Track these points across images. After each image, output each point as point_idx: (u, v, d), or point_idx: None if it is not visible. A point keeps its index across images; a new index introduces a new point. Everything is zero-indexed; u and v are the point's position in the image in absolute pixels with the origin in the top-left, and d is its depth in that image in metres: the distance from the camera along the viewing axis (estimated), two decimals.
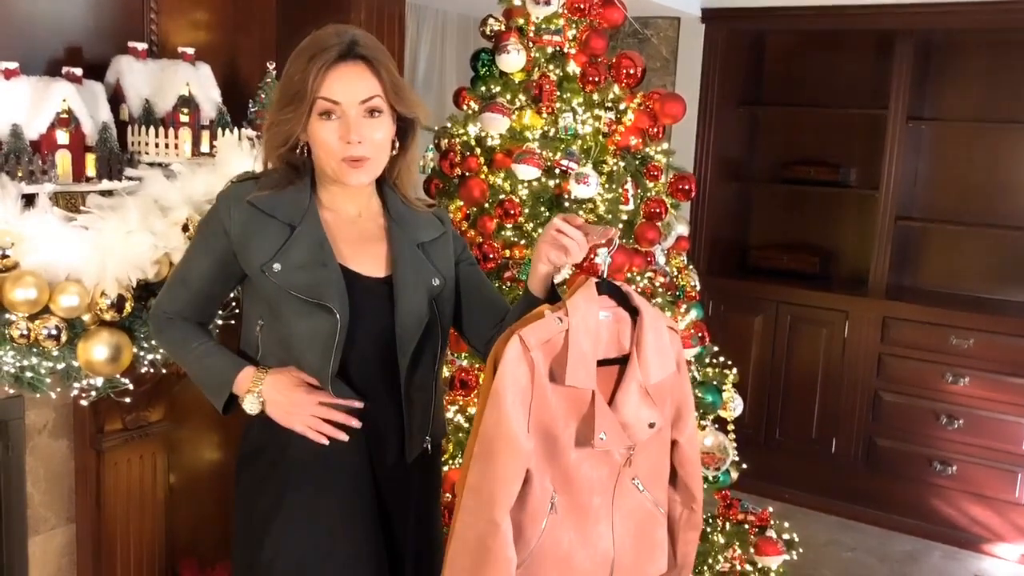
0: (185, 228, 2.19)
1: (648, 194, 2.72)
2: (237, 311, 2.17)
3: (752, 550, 2.84)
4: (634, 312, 1.65)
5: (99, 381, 2.16)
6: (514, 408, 1.54)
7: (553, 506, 1.60)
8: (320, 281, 1.65)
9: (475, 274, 1.88)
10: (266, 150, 1.73)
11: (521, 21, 2.74)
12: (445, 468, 2.43)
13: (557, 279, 1.72)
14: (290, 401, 1.66)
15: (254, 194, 1.68)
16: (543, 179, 2.64)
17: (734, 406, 2.83)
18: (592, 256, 1.67)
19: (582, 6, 2.68)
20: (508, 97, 2.72)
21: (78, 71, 2.24)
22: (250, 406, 1.70)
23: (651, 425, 1.63)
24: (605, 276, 1.66)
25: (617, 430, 1.60)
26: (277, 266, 1.65)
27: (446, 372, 2.59)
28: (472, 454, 1.58)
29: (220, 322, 2.32)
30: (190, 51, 2.48)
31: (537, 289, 1.70)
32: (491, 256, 2.62)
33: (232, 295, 2.01)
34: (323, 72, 1.62)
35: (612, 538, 1.66)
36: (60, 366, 2.09)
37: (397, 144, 1.74)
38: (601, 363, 1.61)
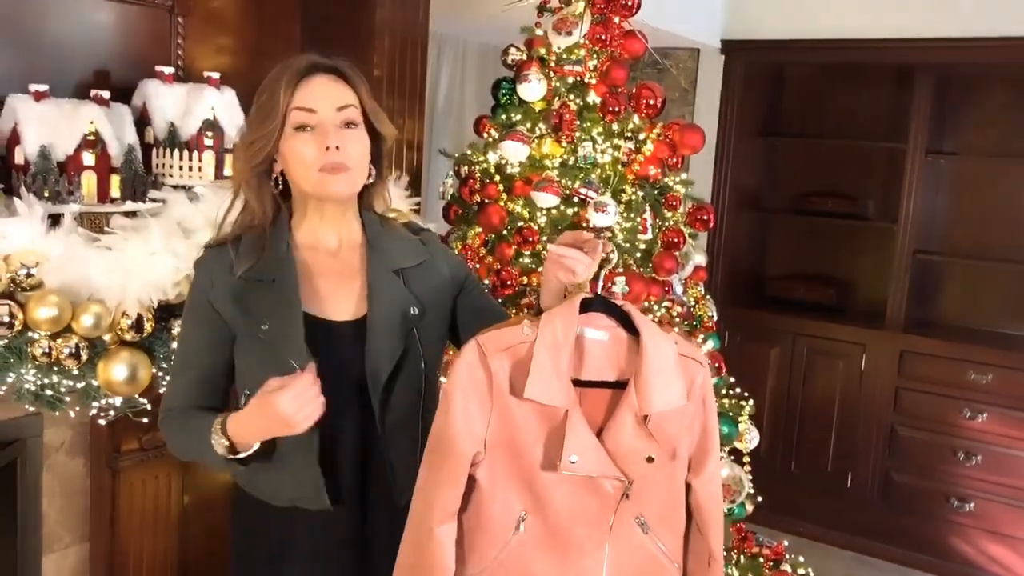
0: None
1: (666, 224, 2.72)
2: None
3: None
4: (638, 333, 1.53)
5: (117, 401, 2.17)
6: (461, 411, 1.48)
7: (521, 526, 1.51)
8: (279, 341, 1.58)
9: (477, 298, 1.82)
10: (239, 173, 1.66)
11: (542, 51, 2.76)
12: None
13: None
14: (267, 417, 1.49)
15: (240, 265, 1.62)
16: (562, 207, 2.65)
17: (750, 438, 2.81)
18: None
19: (604, 37, 2.70)
20: (528, 125, 2.74)
21: (106, 94, 2.28)
22: (222, 448, 1.56)
23: (649, 460, 1.50)
24: (600, 292, 1.58)
25: (600, 458, 1.48)
26: (266, 326, 1.59)
27: None
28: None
29: None
30: (215, 76, 2.51)
31: (549, 306, 1.59)
32: (509, 283, 2.63)
33: None
34: (295, 83, 1.59)
35: None
36: (80, 385, 2.11)
37: (373, 171, 1.69)
38: (593, 385, 1.52)
